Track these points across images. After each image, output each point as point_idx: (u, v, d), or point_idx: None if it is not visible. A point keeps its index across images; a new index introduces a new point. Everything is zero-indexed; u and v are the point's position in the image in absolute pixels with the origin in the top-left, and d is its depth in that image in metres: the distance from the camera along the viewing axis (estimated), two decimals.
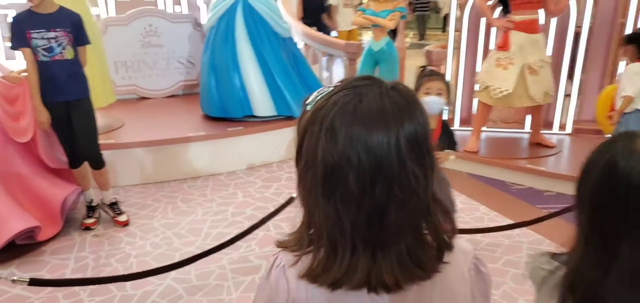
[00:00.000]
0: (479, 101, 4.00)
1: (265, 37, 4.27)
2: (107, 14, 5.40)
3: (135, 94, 5.02)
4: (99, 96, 3.84)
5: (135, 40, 4.88)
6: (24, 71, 2.67)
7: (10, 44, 2.64)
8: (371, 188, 0.65)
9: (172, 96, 5.19)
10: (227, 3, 4.25)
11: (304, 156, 0.70)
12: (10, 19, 4.63)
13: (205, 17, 5.99)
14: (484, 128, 4.15)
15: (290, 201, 2.75)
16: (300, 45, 5.69)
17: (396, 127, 0.65)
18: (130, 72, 4.94)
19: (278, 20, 4.36)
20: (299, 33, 5.40)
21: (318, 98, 0.71)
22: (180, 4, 5.89)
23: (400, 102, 0.67)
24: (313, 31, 5.28)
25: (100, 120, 4.06)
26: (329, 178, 0.66)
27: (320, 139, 0.66)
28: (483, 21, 4.36)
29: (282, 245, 0.78)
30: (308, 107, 0.71)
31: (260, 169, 4.12)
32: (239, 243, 2.61)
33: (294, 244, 0.76)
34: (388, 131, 0.65)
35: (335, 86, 0.70)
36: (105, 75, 3.97)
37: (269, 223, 2.73)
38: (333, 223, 0.67)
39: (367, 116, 0.65)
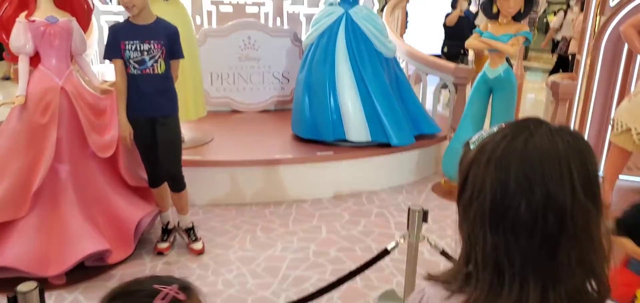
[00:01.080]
0: (615, 146, 3.29)
1: (367, 57, 3.92)
2: (209, 24, 5.41)
3: (229, 106, 4.93)
4: (191, 109, 3.75)
5: (232, 52, 4.79)
6: (113, 83, 2.57)
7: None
8: (543, 217, 0.65)
9: (265, 110, 5.03)
10: (330, 19, 3.97)
11: (468, 188, 0.71)
12: None
13: (305, 32, 5.84)
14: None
15: (384, 253, 2.35)
16: (403, 64, 5.27)
17: (569, 160, 0.65)
18: (225, 84, 4.86)
19: (383, 40, 3.99)
20: (402, 52, 4.98)
21: (484, 136, 0.72)
22: (281, 16, 5.77)
23: (572, 140, 0.67)
24: (418, 51, 4.83)
25: (190, 133, 3.99)
26: (498, 208, 0.67)
27: (489, 169, 0.68)
28: (624, 49, 3.64)
29: (432, 278, 0.76)
30: (472, 147, 0.72)
31: (348, 199, 3.76)
32: None
33: (447, 278, 0.75)
34: (560, 163, 0.65)
35: (500, 127, 0.72)
36: (198, 88, 3.87)
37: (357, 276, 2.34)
38: (501, 253, 0.67)
39: (539, 148, 0.66)
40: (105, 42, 2.47)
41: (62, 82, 2.39)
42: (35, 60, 2.39)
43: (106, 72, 4.91)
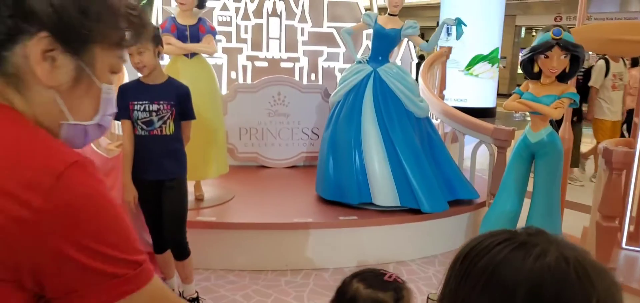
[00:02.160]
0: None
1: (396, 117, 3.71)
2: (244, 79, 5.41)
3: (256, 162, 4.82)
4: (212, 166, 3.66)
5: (262, 108, 4.73)
6: (120, 144, 2.49)
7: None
8: None
9: (293, 166, 4.88)
10: (357, 77, 3.82)
11: None
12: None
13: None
14: None
15: None
16: (438, 122, 5.00)
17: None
18: (254, 139, 4.77)
19: (413, 99, 3.77)
20: (438, 111, 4.72)
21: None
22: (316, 72, 5.70)
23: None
24: (454, 110, 4.55)
25: (211, 191, 3.88)
26: None
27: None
28: None
29: None
30: None
31: None
32: None
33: None
34: None
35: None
36: (221, 145, 3.78)
37: None
38: None
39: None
40: None
41: None
42: None
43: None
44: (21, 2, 0.61)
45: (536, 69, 3.32)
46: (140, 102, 2.36)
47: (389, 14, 3.84)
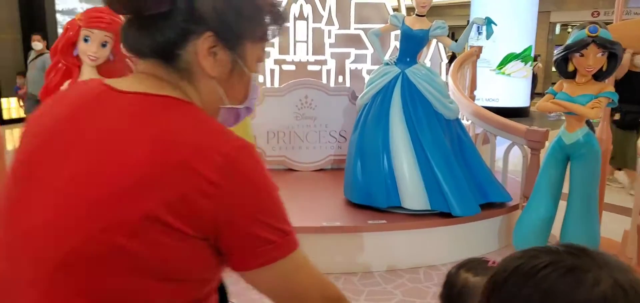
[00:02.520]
0: None
1: (425, 118, 3.65)
2: (272, 83, 5.44)
3: (284, 165, 4.84)
4: None
5: (289, 111, 4.74)
6: None
7: None
8: None
9: (321, 169, 4.87)
10: (385, 79, 3.78)
11: None
12: None
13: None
14: None
15: None
16: (468, 124, 4.90)
17: None
18: (281, 142, 4.79)
19: (442, 101, 3.70)
20: (468, 112, 4.63)
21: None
22: (344, 74, 5.67)
23: None
24: (485, 111, 4.45)
25: None
26: None
27: None
28: None
29: None
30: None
31: (403, 274, 3.41)
32: None
33: None
34: None
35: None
36: None
37: None
38: None
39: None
40: None
41: None
42: None
43: None
44: (192, 9, 0.75)
45: (571, 68, 3.21)
46: None
47: (417, 15, 3.79)
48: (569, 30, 28.03)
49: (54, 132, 0.75)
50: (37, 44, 6.71)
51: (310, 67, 5.42)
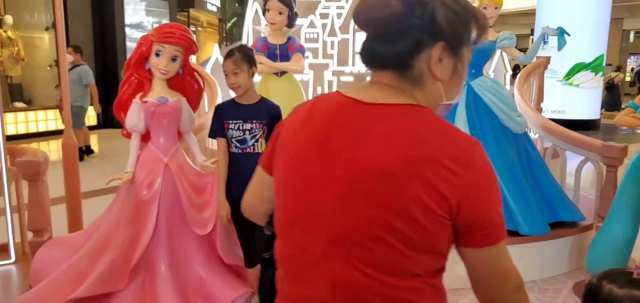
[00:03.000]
0: None
1: (491, 132, 3.50)
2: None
3: None
4: None
5: None
6: (216, 160, 2.60)
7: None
8: None
9: None
10: None
11: None
12: None
13: None
14: None
15: None
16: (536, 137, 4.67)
17: None
18: None
19: (510, 114, 3.55)
20: (537, 125, 4.41)
21: None
22: None
23: None
24: (555, 125, 4.21)
25: None
26: None
27: None
28: None
29: None
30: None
31: (466, 294, 3.27)
32: None
33: None
34: None
35: None
36: None
37: None
38: None
39: None
40: None
41: (167, 159, 2.49)
42: (146, 137, 2.54)
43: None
44: (431, 24, 0.88)
45: None
46: (235, 122, 2.45)
47: None
48: None
49: (318, 138, 0.93)
50: (69, 57, 6.90)
51: (369, 78, 5.38)
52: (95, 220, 2.63)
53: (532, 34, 17.57)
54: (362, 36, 4.00)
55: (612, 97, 11.34)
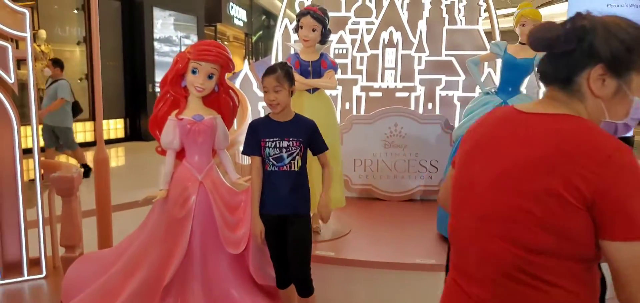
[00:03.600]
0: None
1: None
2: (358, 110, 5.39)
3: (371, 194, 4.73)
4: (331, 199, 3.62)
5: (378, 139, 4.64)
6: (249, 178, 2.55)
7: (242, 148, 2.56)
8: None
9: (410, 200, 4.70)
10: (485, 109, 3.57)
11: None
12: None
13: (459, 117, 5.46)
14: None
15: None
16: None
17: None
18: (368, 171, 4.69)
19: None
20: None
21: None
22: (433, 101, 5.50)
23: None
24: None
25: (327, 224, 3.86)
26: None
27: None
28: None
29: None
30: None
31: None
32: None
33: None
34: None
35: None
36: (339, 179, 3.74)
37: None
38: None
39: None
40: None
41: (201, 177, 2.45)
42: (180, 154, 2.51)
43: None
44: (591, 49, 1.02)
45: None
46: (272, 139, 2.38)
47: (520, 43, 3.56)
48: None
49: (483, 139, 1.14)
50: (47, 71, 6.71)
51: (398, 94, 5.31)
52: (128, 237, 2.61)
53: None
54: (391, 52, 3.97)
55: None
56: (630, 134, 11.92)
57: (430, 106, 5.46)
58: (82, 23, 9.39)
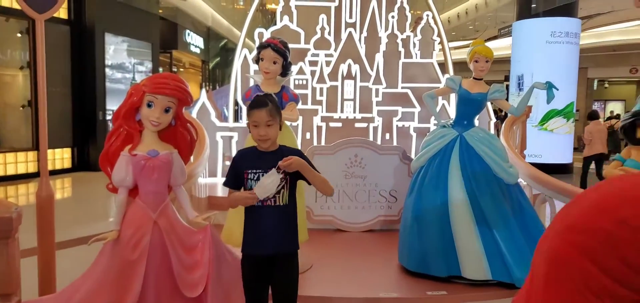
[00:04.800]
0: None
1: (485, 183, 3.46)
2: (319, 141, 5.37)
3: (332, 225, 4.68)
4: None
5: (338, 170, 4.62)
6: (208, 217, 2.44)
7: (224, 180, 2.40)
8: None
9: (370, 230, 4.69)
10: (442, 142, 3.63)
11: None
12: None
13: (415, 147, 5.55)
14: None
15: None
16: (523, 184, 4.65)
17: None
18: (329, 202, 4.65)
19: (502, 165, 3.52)
20: (523, 174, 4.40)
21: None
22: (391, 131, 5.57)
23: None
24: (544, 175, 4.22)
25: None
26: None
27: None
28: None
29: None
30: None
31: None
32: None
33: None
34: None
35: None
36: (301, 212, 3.64)
37: None
38: None
39: None
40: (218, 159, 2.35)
41: (156, 216, 2.32)
42: (134, 191, 2.37)
43: (215, 186, 5.02)
44: None
45: (639, 135, 3.00)
46: (254, 171, 2.19)
47: (474, 78, 3.68)
48: (606, 85, 27.57)
49: None
50: None
51: (357, 125, 5.35)
52: (73, 283, 2.40)
53: (506, 80, 18.12)
54: (350, 84, 3.99)
55: (613, 143, 11.73)
56: (569, 161, 12.40)
57: (387, 136, 5.53)
58: (27, 47, 8.94)
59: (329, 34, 5.62)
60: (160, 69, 12.77)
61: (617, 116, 16.46)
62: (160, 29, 12.36)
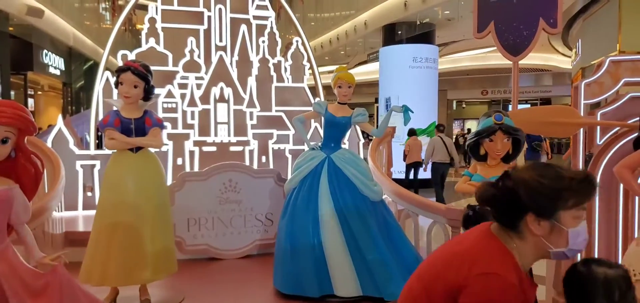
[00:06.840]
0: None
1: (352, 202, 3.66)
2: (191, 166, 5.22)
3: (207, 254, 4.55)
4: (161, 267, 3.33)
5: (212, 196, 4.53)
6: (57, 257, 2.22)
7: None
8: None
9: (247, 256, 4.65)
10: (312, 163, 3.76)
11: None
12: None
13: (289, 170, 5.67)
14: None
15: None
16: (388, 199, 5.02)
17: None
18: (203, 230, 4.52)
19: (367, 183, 3.75)
20: (388, 191, 4.75)
21: None
22: (267, 154, 5.62)
23: None
24: (407, 192, 4.59)
25: (158, 294, 3.57)
26: None
27: None
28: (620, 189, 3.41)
29: None
30: None
31: None
32: None
33: None
34: None
35: None
36: (170, 241, 3.50)
37: None
38: None
39: None
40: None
41: None
42: None
43: (75, 220, 4.60)
44: (521, 203, 1.36)
45: (482, 152, 3.43)
46: None
47: (339, 103, 3.89)
48: (463, 106, 31.19)
49: None
50: None
51: (232, 148, 5.31)
52: None
53: (376, 102, 19.40)
54: (223, 107, 4.01)
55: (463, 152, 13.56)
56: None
57: (264, 159, 5.58)
58: None
59: (199, 56, 5.53)
60: (13, 93, 11.40)
61: (468, 132, 18.72)
62: (10, 48, 11.06)
